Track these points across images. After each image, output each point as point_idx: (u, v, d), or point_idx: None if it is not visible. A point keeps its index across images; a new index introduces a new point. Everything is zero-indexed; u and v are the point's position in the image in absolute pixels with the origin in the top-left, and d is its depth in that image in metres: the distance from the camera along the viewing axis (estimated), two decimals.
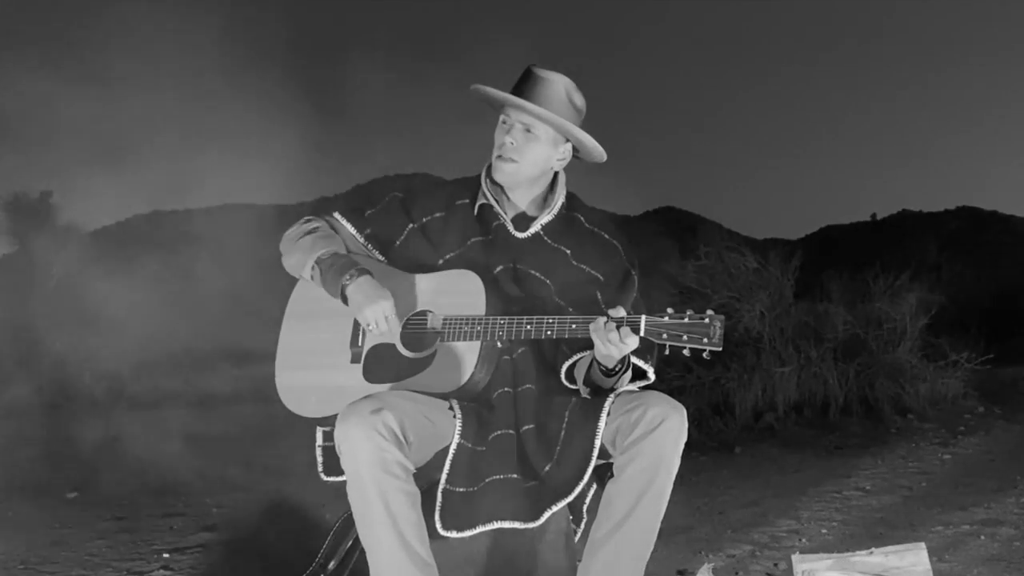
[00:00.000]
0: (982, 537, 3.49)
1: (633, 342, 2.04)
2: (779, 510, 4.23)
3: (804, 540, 3.63)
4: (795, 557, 2.61)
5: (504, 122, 2.27)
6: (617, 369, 2.17)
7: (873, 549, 2.58)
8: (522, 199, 2.32)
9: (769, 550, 3.48)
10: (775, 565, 3.24)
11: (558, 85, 2.24)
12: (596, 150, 2.31)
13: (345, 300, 2.22)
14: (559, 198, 2.33)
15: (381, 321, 2.17)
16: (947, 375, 7.10)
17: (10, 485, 4.84)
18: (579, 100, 2.27)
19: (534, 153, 2.26)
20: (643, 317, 2.04)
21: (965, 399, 7.10)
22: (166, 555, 3.52)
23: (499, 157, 2.26)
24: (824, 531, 3.78)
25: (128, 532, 3.98)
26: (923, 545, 2.58)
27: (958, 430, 6.34)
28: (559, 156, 2.30)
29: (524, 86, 2.24)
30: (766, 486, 4.93)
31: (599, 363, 2.15)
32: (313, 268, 2.27)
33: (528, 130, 2.24)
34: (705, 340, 2.01)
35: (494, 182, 2.31)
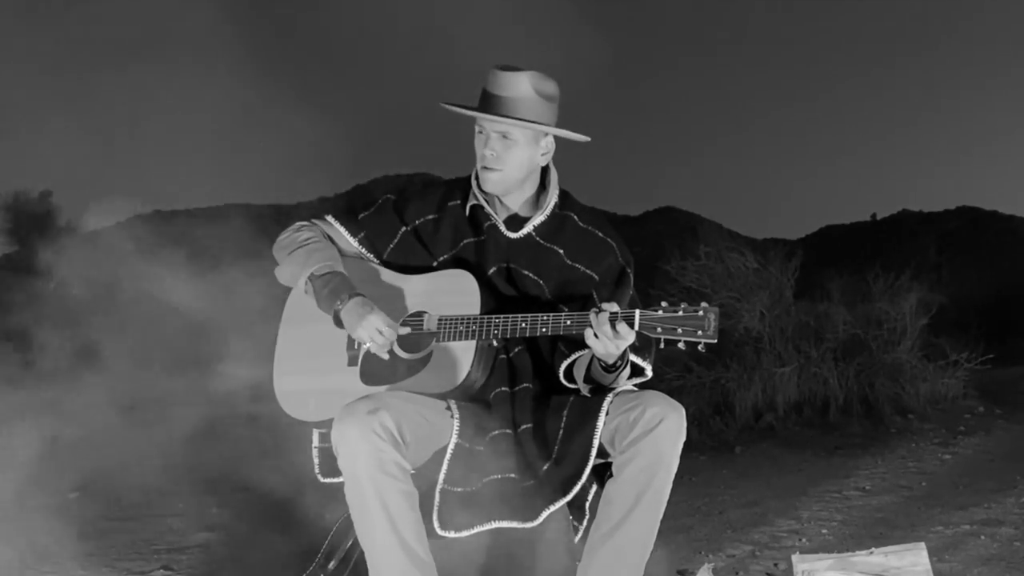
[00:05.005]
0: (982, 537, 3.49)
1: (629, 337, 2.04)
2: (779, 510, 4.23)
3: (804, 540, 3.63)
4: (795, 557, 2.60)
5: (480, 131, 2.25)
6: (617, 365, 2.16)
7: (873, 549, 2.57)
8: (514, 201, 2.31)
9: (769, 550, 3.48)
10: (775, 565, 3.23)
11: (524, 83, 2.20)
12: (576, 138, 2.29)
13: (340, 324, 2.22)
14: (552, 197, 2.32)
15: (375, 335, 2.17)
16: (947, 375, 7.10)
17: (10, 485, 4.84)
18: (549, 89, 2.23)
19: (516, 158, 2.24)
20: (637, 311, 2.04)
21: (965, 399, 7.10)
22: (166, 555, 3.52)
23: (483, 168, 2.25)
24: (824, 531, 3.78)
25: (128, 532, 3.98)
26: (923, 545, 2.57)
27: (958, 430, 6.34)
28: (542, 151, 2.28)
29: (491, 93, 2.21)
30: (766, 486, 4.93)
31: (599, 360, 2.14)
32: (307, 284, 2.26)
33: (505, 136, 2.22)
34: (700, 333, 2.01)
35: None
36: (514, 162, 2.24)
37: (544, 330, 2.12)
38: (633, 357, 2.19)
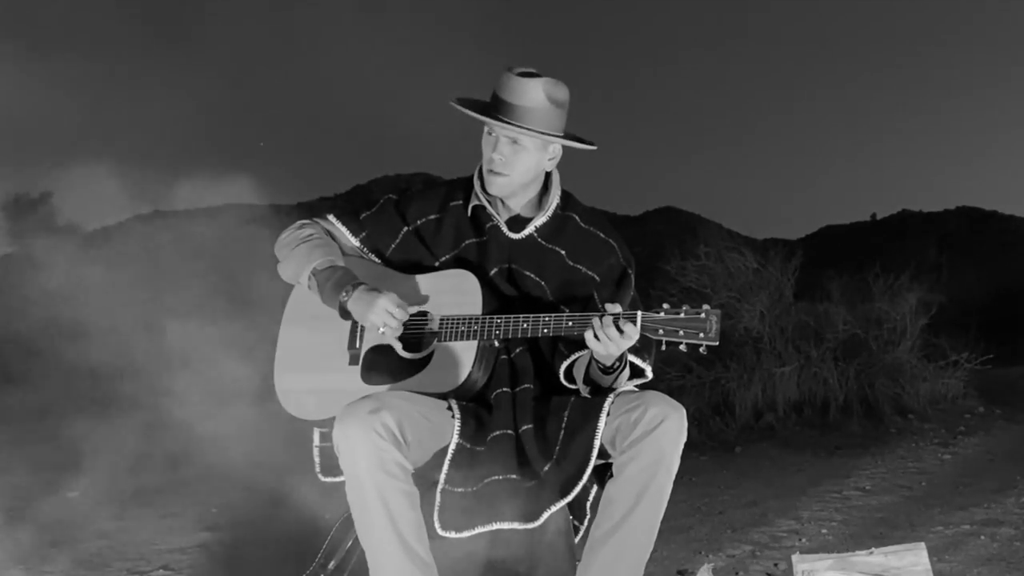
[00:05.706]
0: (982, 537, 3.49)
1: (630, 338, 2.04)
2: (779, 510, 4.23)
3: (804, 540, 3.63)
4: (795, 557, 2.60)
5: (490, 134, 2.24)
6: (615, 366, 2.16)
7: (873, 549, 2.57)
8: (517, 202, 2.31)
9: (769, 550, 3.48)
10: (775, 565, 3.24)
11: (538, 90, 2.19)
12: (584, 148, 2.29)
13: (346, 315, 2.21)
14: (554, 199, 2.32)
15: (388, 318, 2.16)
16: (947, 375, 7.10)
17: (10, 485, 4.84)
18: (561, 95, 2.22)
19: (524, 163, 2.23)
20: (639, 313, 2.04)
21: (965, 399, 7.10)
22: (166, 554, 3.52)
23: (490, 171, 2.24)
24: (824, 531, 3.78)
25: (128, 532, 3.98)
26: (923, 545, 2.57)
27: (958, 430, 6.34)
28: (549, 157, 2.28)
29: (504, 98, 2.20)
30: (766, 486, 4.94)
31: (597, 361, 2.15)
32: (310, 279, 2.26)
33: (515, 141, 2.21)
34: (701, 335, 2.01)
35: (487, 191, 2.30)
36: (521, 167, 2.24)
37: (546, 331, 2.12)
38: (633, 358, 2.19)
